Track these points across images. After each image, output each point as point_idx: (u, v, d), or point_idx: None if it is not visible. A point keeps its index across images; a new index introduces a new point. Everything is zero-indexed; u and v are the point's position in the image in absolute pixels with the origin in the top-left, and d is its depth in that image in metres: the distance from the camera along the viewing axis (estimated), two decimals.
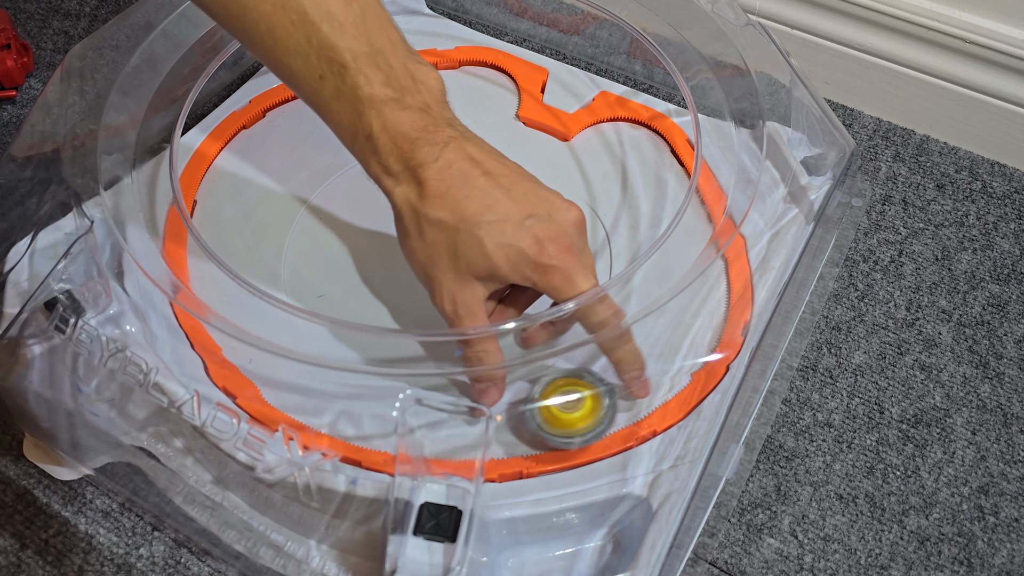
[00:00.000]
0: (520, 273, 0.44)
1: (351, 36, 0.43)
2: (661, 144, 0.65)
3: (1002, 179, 0.77)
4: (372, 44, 0.44)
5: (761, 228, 0.58)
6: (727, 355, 0.51)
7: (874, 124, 0.82)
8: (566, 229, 0.45)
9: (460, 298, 0.45)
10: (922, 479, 0.59)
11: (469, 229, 0.43)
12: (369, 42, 0.43)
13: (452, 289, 0.45)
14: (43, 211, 0.53)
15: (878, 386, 0.64)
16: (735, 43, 0.59)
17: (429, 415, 0.47)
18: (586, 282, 0.45)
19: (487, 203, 0.44)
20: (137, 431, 0.52)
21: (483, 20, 0.83)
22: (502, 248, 0.43)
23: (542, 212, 0.44)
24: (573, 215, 0.46)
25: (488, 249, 0.43)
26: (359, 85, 0.43)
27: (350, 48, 0.43)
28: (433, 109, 0.45)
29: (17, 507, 0.56)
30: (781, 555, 0.56)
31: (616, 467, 0.48)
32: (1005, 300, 0.69)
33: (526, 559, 0.48)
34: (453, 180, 0.44)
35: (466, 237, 0.44)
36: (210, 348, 0.51)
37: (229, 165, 0.63)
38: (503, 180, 0.45)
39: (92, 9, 0.90)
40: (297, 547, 0.50)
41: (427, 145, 0.44)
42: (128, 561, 0.54)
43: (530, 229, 0.44)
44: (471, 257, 0.44)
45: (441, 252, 0.45)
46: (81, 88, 0.57)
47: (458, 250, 0.44)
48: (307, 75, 0.44)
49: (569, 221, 0.45)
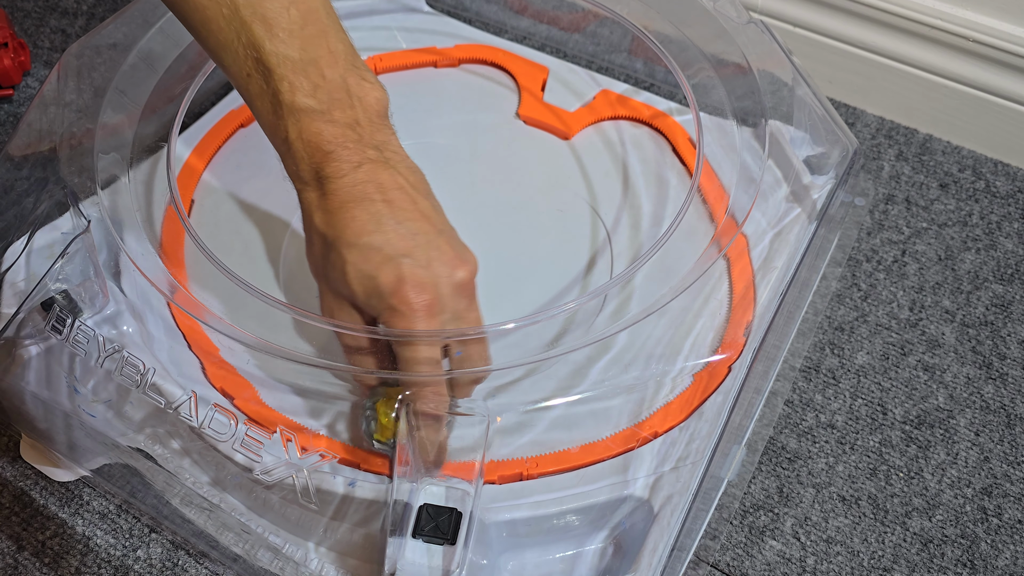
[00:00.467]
0: (372, 306, 0.43)
1: (282, 41, 0.42)
2: (662, 143, 0.65)
3: (1006, 178, 0.77)
4: (305, 52, 0.43)
5: (763, 228, 0.57)
6: (729, 356, 0.51)
7: (877, 123, 0.82)
8: (437, 283, 0.42)
9: (337, 315, 0.45)
10: (925, 481, 0.59)
11: (339, 249, 0.42)
12: (302, 49, 0.43)
13: (330, 304, 0.45)
14: (40, 210, 0.53)
15: (881, 387, 0.64)
16: (737, 41, 0.59)
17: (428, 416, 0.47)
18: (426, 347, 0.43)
19: (368, 228, 0.42)
20: (134, 432, 0.51)
21: (483, 18, 0.82)
22: (360, 277, 0.42)
23: (421, 257, 0.42)
24: (458, 275, 0.43)
25: (348, 274, 0.42)
26: (281, 91, 0.42)
27: (277, 52, 0.42)
28: (363, 127, 0.44)
29: (14, 509, 0.56)
30: (783, 557, 0.56)
31: (617, 469, 0.47)
32: (1009, 300, 0.69)
33: (526, 561, 0.48)
34: (350, 199, 0.42)
35: (335, 257, 0.43)
36: (208, 348, 0.51)
37: (227, 164, 0.63)
38: (401, 214, 0.43)
39: (89, 7, 0.89)
40: (295, 549, 0.50)
41: (339, 161, 0.43)
42: (125, 563, 0.54)
43: (397, 267, 0.41)
44: (333, 277, 0.43)
45: (320, 265, 0.44)
46: (78, 87, 0.56)
47: (327, 268, 0.43)
48: (236, 71, 0.44)
49: (446, 277, 0.43)
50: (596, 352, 0.51)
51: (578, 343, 0.49)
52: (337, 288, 0.44)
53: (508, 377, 0.50)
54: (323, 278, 0.45)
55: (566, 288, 0.56)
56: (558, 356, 0.50)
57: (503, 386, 0.50)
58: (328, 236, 0.43)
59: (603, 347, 0.51)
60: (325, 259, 0.44)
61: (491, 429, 0.46)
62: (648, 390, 0.50)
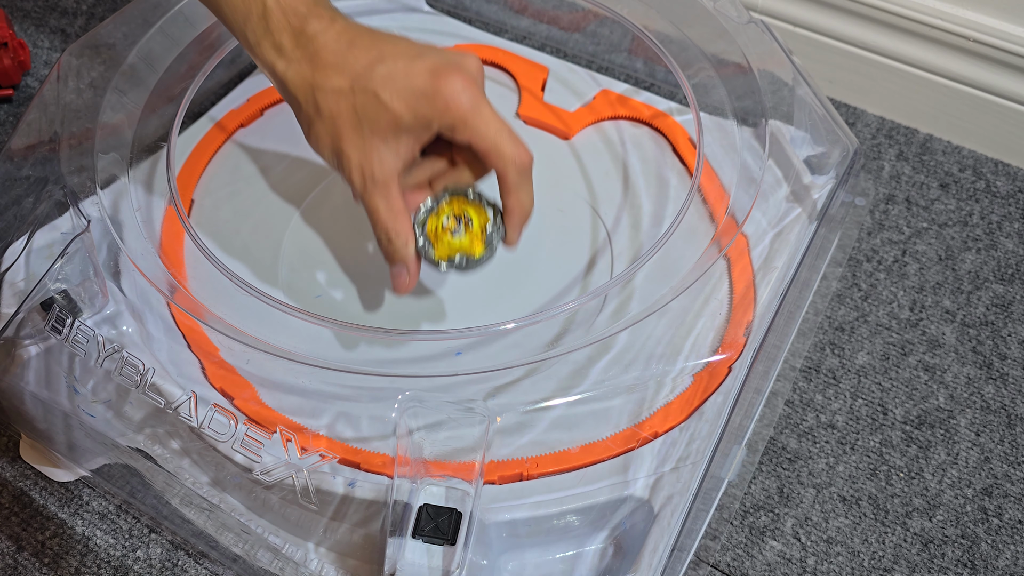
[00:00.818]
0: (420, 115, 0.43)
1: None
2: (663, 143, 0.65)
3: (1006, 178, 0.77)
4: None
5: (764, 227, 0.57)
6: (729, 356, 0.51)
7: (877, 123, 0.81)
8: (461, 63, 0.44)
9: (368, 170, 0.44)
10: (926, 481, 0.59)
11: (364, 87, 0.43)
12: None
13: (360, 161, 0.44)
14: (40, 210, 0.53)
15: (882, 387, 0.63)
16: (737, 41, 0.59)
17: (428, 416, 0.47)
18: (491, 112, 0.44)
19: (375, 56, 0.43)
20: (134, 432, 0.51)
21: (483, 17, 0.82)
22: (398, 95, 0.43)
23: (433, 52, 0.44)
24: (471, 60, 0.45)
25: (385, 100, 0.43)
26: None
27: None
28: None
29: (14, 509, 0.56)
30: (784, 558, 0.56)
31: (617, 469, 0.47)
32: (1009, 300, 0.69)
33: (526, 562, 0.48)
34: (342, 47, 0.44)
35: (362, 97, 0.43)
36: (207, 349, 0.51)
37: (227, 164, 0.63)
38: (390, 38, 0.45)
39: (89, 7, 0.89)
40: (295, 550, 0.50)
41: (318, 19, 0.44)
42: (125, 563, 0.54)
43: (423, 63, 0.43)
44: (371, 115, 0.43)
45: (343, 122, 0.44)
46: (78, 86, 0.56)
47: (358, 113, 0.43)
48: None
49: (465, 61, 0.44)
50: (596, 352, 0.51)
51: (578, 343, 0.49)
52: (377, 127, 0.43)
53: (508, 377, 0.50)
54: (350, 136, 0.44)
55: (566, 288, 0.56)
56: (558, 356, 0.50)
57: (503, 386, 0.50)
58: (344, 88, 0.43)
59: (603, 347, 0.51)
60: (351, 111, 0.43)
61: (491, 429, 0.46)
62: (648, 390, 0.50)
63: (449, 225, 0.48)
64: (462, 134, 0.44)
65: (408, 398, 0.46)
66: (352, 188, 0.45)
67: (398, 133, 0.44)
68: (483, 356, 0.51)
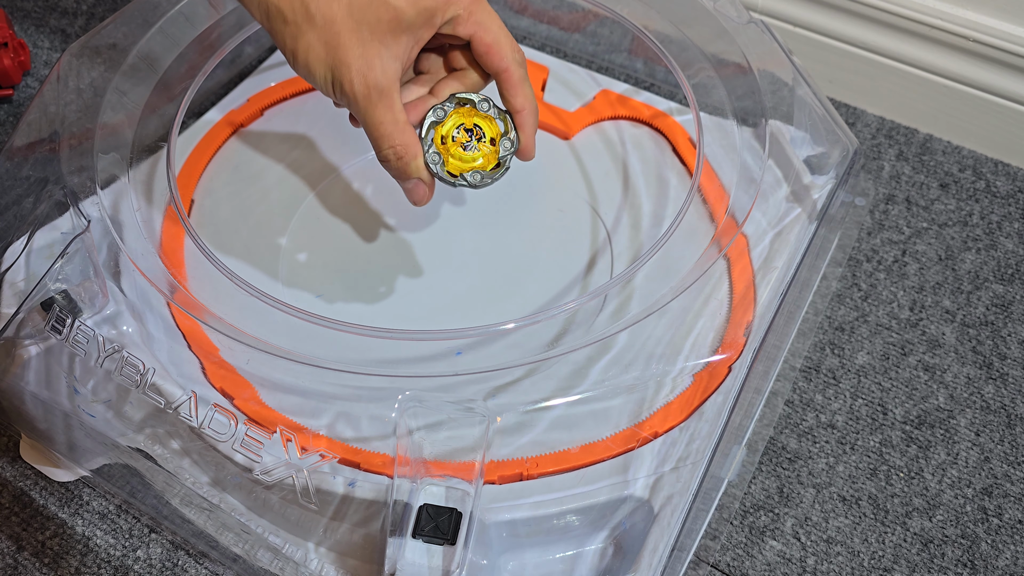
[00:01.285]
0: (424, 8, 0.41)
1: None
2: (663, 143, 0.65)
3: (1006, 178, 0.77)
4: None
5: (764, 227, 0.57)
6: (729, 356, 0.51)
7: (877, 123, 0.81)
8: None
9: (371, 77, 0.41)
10: (926, 481, 0.59)
11: None
12: None
13: (360, 67, 0.41)
14: (40, 210, 0.53)
15: (881, 387, 0.63)
16: (737, 41, 0.59)
17: (428, 416, 0.47)
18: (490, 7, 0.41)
19: None
20: (134, 432, 0.51)
21: None
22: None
23: None
24: None
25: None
26: None
27: None
28: None
29: (14, 509, 0.56)
30: (784, 557, 0.56)
31: (617, 469, 0.47)
32: (1009, 300, 0.69)
33: (526, 562, 0.48)
34: None
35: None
36: (207, 349, 0.51)
37: (227, 164, 0.63)
38: None
39: (89, 7, 0.89)
40: (295, 549, 0.50)
41: None
42: (125, 563, 0.54)
43: None
44: (370, 15, 0.40)
45: (340, 27, 0.41)
46: (78, 87, 0.56)
47: (355, 15, 0.40)
48: None
49: None
50: (596, 352, 0.51)
51: (578, 343, 0.49)
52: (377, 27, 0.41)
53: (508, 377, 0.50)
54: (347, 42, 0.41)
55: (566, 288, 0.56)
56: (558, 356, 0.50)
57: (503, 386, 0.50)
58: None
59: (603, 347, 0.51)
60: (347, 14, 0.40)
61: (491, 429, 0.46)
62: (648, 390, 0.50)
63: (460, 138, 0.45)
64: (465, 27, 0.42)
65: (408, 398, 0.46)
66: (349, 102, 0.42)
67: (398, 33, 0.41)
68: (483, 356, 0.51)
